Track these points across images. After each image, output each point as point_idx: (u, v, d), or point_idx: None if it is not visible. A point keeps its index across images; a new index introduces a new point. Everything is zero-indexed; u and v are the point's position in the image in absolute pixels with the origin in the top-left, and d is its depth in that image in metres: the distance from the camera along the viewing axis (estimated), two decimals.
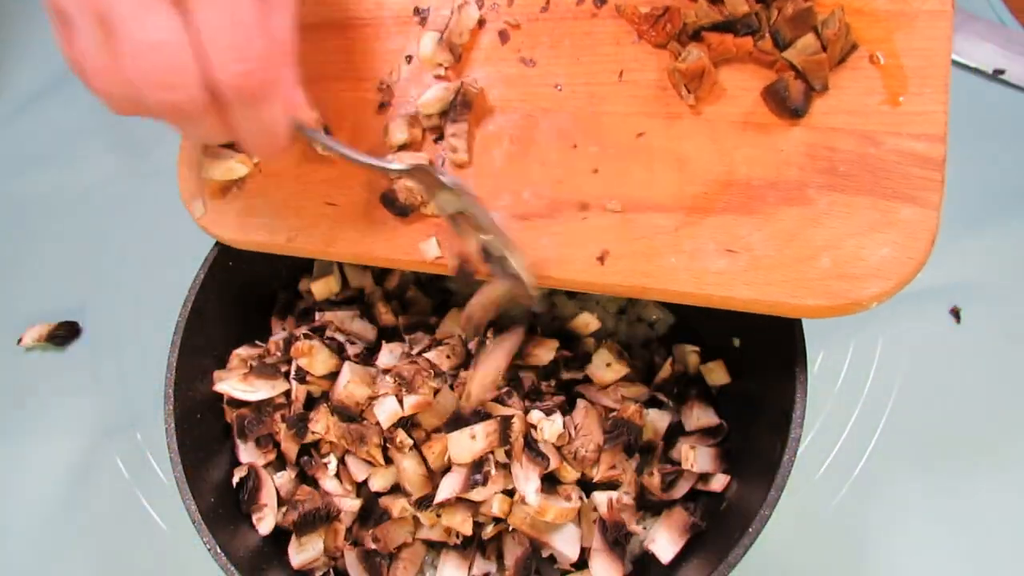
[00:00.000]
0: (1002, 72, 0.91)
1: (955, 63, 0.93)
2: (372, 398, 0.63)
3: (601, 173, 0.56)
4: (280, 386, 0.69)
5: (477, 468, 0.61)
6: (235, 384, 0.68)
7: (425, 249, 0.59)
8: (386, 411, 0.62)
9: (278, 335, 0.74)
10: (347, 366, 0.65)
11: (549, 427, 0.62)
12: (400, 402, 0.62)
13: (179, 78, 0.42)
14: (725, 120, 0.54)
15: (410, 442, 0.63)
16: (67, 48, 0.45)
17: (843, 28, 0.51)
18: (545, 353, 0.69)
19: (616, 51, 0.57)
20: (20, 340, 0.86)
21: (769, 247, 0.51)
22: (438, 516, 0.63)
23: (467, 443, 0.61)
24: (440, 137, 0.61)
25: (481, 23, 0.61)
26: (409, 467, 0.63)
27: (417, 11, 0.63)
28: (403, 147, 0.61)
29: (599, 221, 0.55)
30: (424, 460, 0.63)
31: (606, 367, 0.69)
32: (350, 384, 0.63)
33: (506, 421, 0.61)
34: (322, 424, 0.64)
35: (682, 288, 0.53)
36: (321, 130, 0.61)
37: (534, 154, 0.58)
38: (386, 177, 0.60)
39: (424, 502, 0.63)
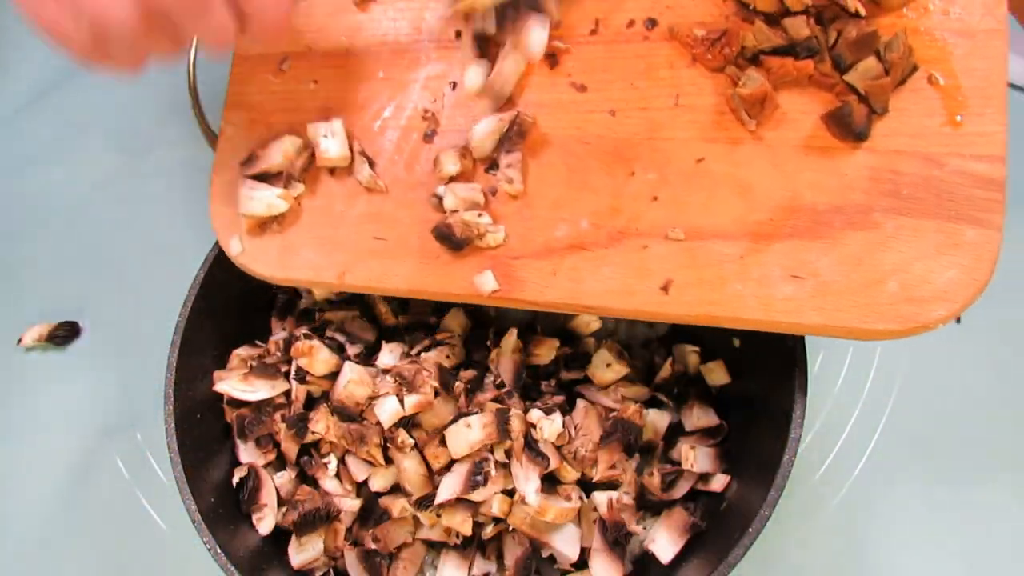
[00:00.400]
0: None
1: None
2: (372, 398, 0.63)
3: (661, 200, 0.55)
4: (280, 386, 0.69)
5: (477, 468, 0.61)
6: (235, 384, 0.68)
7: (481, 283, 0.57)
8: (387, 411, 0.62)
9: (278, 335, 0.74)
10: (347, 366, 0.65)
11: (549, 426, 0.62)
12: (401, 402, 0.62)
13: None
14: (786, 145, 0.53)
15: (411, 442, 0.63)
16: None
17: (906, 51, 0.51)
18: (546, 353, 0.69)
19: (671, 75, 0.56)
20: (20, 340, 0.86)
21: (836, 272, 0.51)
22: (438, 516, 0.63)
23: (464, 433, 0.61)
24: (492, 167, 0.59)
25: None
26: (410, 467, 0.63)
27: (459, 35, 0.61)
28: (453, 179, 0.59)
29: (661, 250, 0.54)
30: (425, 460, 0.64)
31: (606, 367, 0.69)
32: (350, 384, 0.63)
33: (503, 414, 0.61)
34: (322, 424, 0.64)
35: (750, 316, 0.53)
36: None
37: (591, 182, 0.57)
38: (439, 209, 0.59)
39: (424, 502, 0.63)
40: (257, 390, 0.68)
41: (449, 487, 0.61)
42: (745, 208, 0.53)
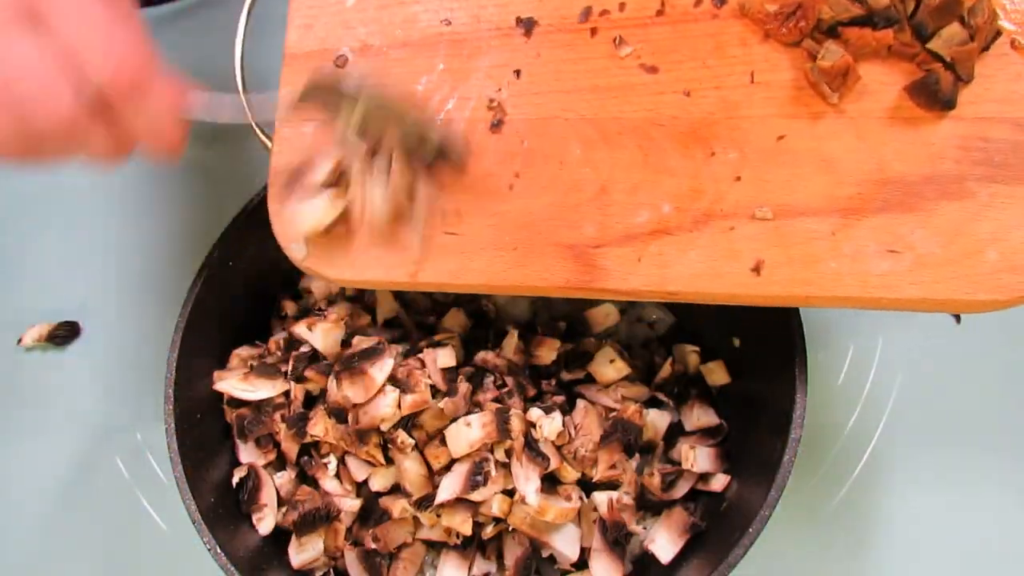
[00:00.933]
0: None
1: None
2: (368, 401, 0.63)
3: (744, 180, 0.54)
4: (280, 386, 0.69)
5: (477, 468, 0.61)
6: (235, 384, 0.68)
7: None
8: (382, 413, 0.62)
9: (278, 335, 0.74)
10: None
11: (548, 424, 0.62)
12: (397, 403, 0.62)
13: (55, 94, 0.42)
14: (870, 117, 0.52)
15: (411, 442, 0.63)
16: None
17: (991, 15, 0.50)
18: (547, 353, 0.69)
19: (744, 52, 0.55)
20: (20, 340, 0.86)
21: (933, 244, 0.50)
22: (438, 516, 0.63)
23: (464, 432, 0.61)
24: None
25: (593, 32, 0.58)
26: (410, 467, 0.63)
27: (519, 21, 0.59)
28: None
29: (748, 230, 0.53)
30: (425, 461, 0.63)
31: (609, 363, 0.68)
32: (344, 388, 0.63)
33: (503, 413, 0.61)
34: (320, 427, 0.64)
35: (847, 293, 0.51)
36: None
37: (669, 165, 0.55)
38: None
39: (424, 502, 0.63)
40: (257, 390, 0.68)
41: (449, 487, 0.61)
42: (832, 183, 0.52)
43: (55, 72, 0.42)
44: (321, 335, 0.67)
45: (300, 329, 0.68)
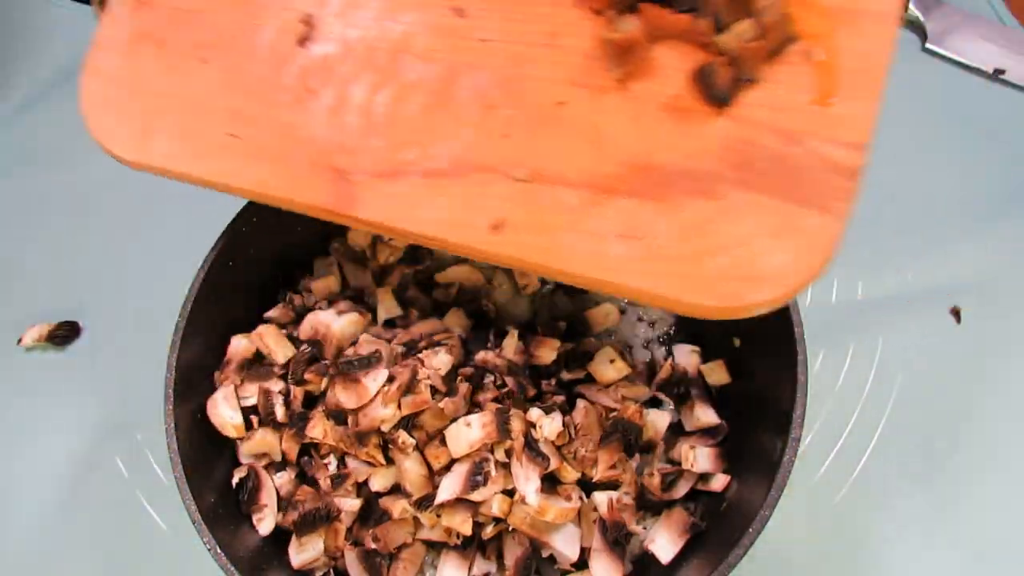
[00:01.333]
0: (1002, 72, 0.91)
1: (955, 63, 0.93)
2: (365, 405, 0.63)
3: (513, 139, 0.53)
4: (276, 384, 0.69)
5: (477, 468, 0.61)
6: (228, 403, 0.68)
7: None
8: (380, 414, 0.62)
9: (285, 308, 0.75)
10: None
11: (549, 424, 0.62)
12: (397, 404, 0.62)
13: None
14: (652, 100, 0.51)
15: (412, 442, 0.63)
16: None
17: (782, 18, 0.49)
18: (547, 353, 0.69)
19: (552, 12, 0.54)
20: (20, 340, 0.86)
21: (671, 238, 0.49)
22: (438, 516, 0.63)
23: (464, 432, 0.61)
24: None
25: None
26: (411, 468, 0.63)
27: None
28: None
29: (501, 188, 0.52)
30: (426, 461, 0.63)
31: (609, 363, 0.68)
32: (340, 392, 0.64)
33: (503, 413, 0.61)
34: (319, 429, 0.64)
35: (576, 269, 0.50)
36: None
37: (450, 110, 0.55)
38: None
39: (424, 502, 0.63)
40: (253, 396, 0.68)
41: (449, 487, 0.61)
42: (596, 159, 0.51)
43: None
44: (347, 323, 0.68)
45: (326, 315, 0.68)
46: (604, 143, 0.52)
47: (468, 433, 0.60)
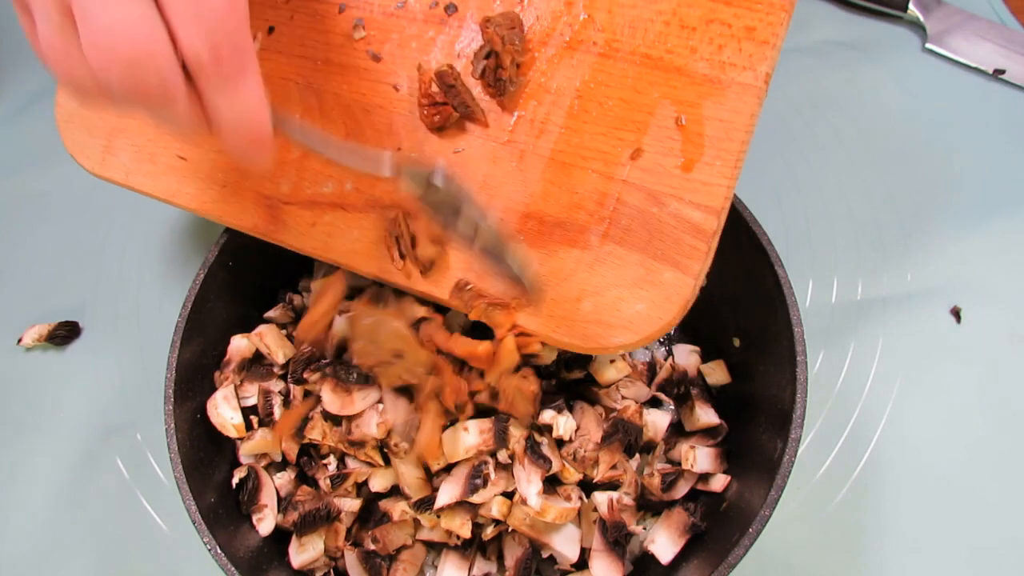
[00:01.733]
0: (1002, 72, 0.91)
1: (955, 63, 0.93)
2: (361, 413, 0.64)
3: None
4: (276, 384, 0.69)
5: (476, 471, 0.61)
6: (228, 403, 0.68)
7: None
8: (373, 424, 0.62)
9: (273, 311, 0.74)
10: (324, 391, 0.65)
11: (564, 423, 0.62)
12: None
13: (147, 55, 0.41)
14: (536, 152, 0.55)
15: (406, 446, 0.63)
16: (32, 38, 0.44)
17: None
18: (547, 354, 0.69)
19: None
20: (20, 340, 0.86)
21: (545, 281, 0.54)
22: (437, 518, 0.63)
23: (461, 437, 0.60)
24: None
25: (341, 9, 0.61)
26: (407, 472, 0.63)
27: None
28: None
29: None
30: (424, 463, 0.63)
31: (609, 363, 0.68)
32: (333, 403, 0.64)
33: (501, 422, 0.61)
34: (318, 430, 0.64)
35: (461, 307, 0.56)
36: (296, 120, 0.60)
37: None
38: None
39: (423, 504, 0.63)
40: (253, 396, 0.68)
41: (448, 492, 0.61)
42: (485, 201, 0.56)
43: (152, 33, 0.41)
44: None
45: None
46: (495, 190, 0.57)
47: (465, 438, 0.60)
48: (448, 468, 0.63)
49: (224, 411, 0.67)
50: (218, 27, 0.43)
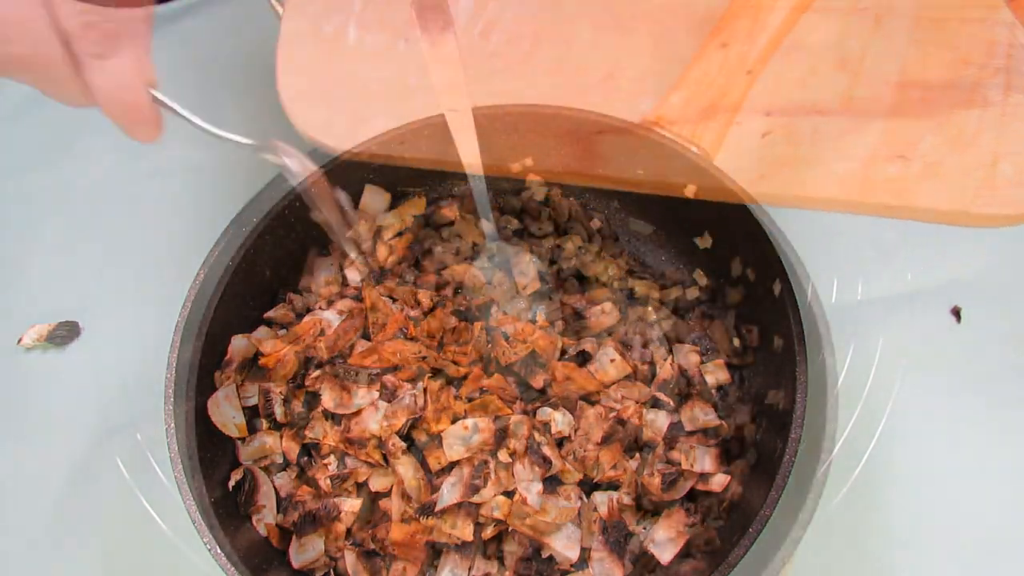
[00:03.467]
0: None
1: None
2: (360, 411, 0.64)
3: (755, 74, 0.51)
4: (276, 384, 0.69)
5: (477, 471, 0.61)
6: (230, 402, 0.68)
7: None
8: (372, 423, 0.62)
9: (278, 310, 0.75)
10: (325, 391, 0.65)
11: (561, 419, 0.62)
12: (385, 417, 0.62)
13: (25, 28, 0.42)
14: (895, 13, 0.49)
15: (403, 446, 0.63)
16: None
17: None
18: None
19: None
20: (20, 340, 0.86)
21: (944, 153, 0.47)
22: (439, 518, 0.63)
23: (462, 435, 0.60)
24: None
25: None
26: (406, 472, 0.63)
27: None
28: None
29: (756, 125, 0.50)
30: (424, 463, 0.63)
31: (610, 363, 0.68)
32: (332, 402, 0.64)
33: (502, 420, 0.61)
34: (319, 430, 0.64)
35: (851, 197, 0.49)
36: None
37: (678, 54, 0.54)
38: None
39: (424, 510, 0.63)
40: (253, 396, 0.68)
41: (449, 495, 0.61)
42: (848, 83, 0.49)
43: (31, 6, 0.42)
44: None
45: (326, 315, 0.68)
46: (854, 66, 0.49)
47: (466, 436, 0.60)
48: (448, 468, 0.63)
49: (226, 410, 0.67)
50: (92, 5, 0.43)
